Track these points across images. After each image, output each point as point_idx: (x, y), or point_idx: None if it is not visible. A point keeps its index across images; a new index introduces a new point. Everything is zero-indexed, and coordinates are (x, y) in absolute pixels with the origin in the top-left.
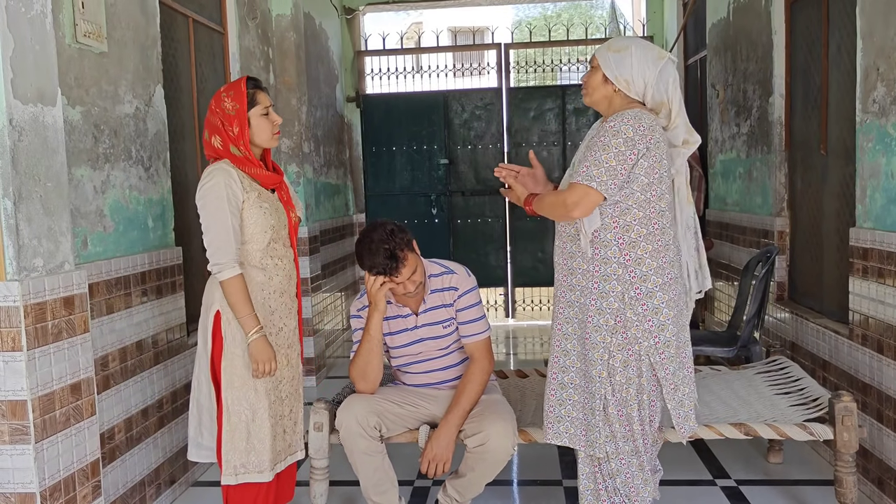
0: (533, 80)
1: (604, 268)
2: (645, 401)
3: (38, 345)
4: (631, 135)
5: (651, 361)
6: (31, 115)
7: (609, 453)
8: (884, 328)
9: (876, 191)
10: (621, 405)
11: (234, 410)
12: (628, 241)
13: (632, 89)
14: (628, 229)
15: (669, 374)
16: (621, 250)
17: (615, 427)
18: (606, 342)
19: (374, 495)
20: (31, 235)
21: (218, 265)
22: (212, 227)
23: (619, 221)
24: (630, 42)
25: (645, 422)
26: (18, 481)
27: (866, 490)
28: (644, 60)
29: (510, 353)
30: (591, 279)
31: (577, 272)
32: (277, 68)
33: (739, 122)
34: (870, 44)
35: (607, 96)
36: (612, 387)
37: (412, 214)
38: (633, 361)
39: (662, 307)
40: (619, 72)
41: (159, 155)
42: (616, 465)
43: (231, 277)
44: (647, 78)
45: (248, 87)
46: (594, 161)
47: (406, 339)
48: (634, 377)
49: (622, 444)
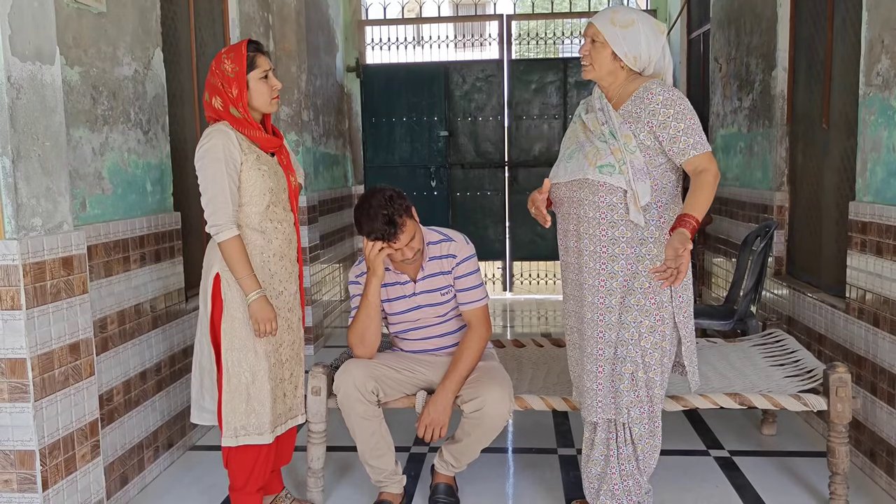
0: (535, 53)
1: (642, 232)
2: (666, 365)
3: (37, 304)
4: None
5: (675, 321)
6: (29, 73)
7: (633, 419)
8: (880, 302)
9: (877, 164)
10: (647, 369)
11: (234, 372)
12: (663, 202)
13: (638, 64)
14: (664, 192)
15: (688, 333)
16: (659, 213)
17: (641, 391)
18: (641, 305)
19: (370, 459)
20: (29, 195)
21: (216, 226)
22: (209, 188)
23: (658, 184)
24: (633, 15)
25: (663, 386)
26: (18, 439)
27: (858, 462)
28: (650, 36)
29: (507, 326)
30: (631, 244)
31: (619, 241)
32: (277, 35)
33: (741, 96)
34: (875, 16)
35: (613, 72)
36: (641, 352)
37: (411, 187)
38: (659, 326)
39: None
40: (629, 48)
41: (158, 119)
42: (638, 430)
43: (229, 239)
44: (653, 53)
45: (249, 51)
46: (695, 128)
47: (404, 305)
48: (659, 341)
49: (645, 408)
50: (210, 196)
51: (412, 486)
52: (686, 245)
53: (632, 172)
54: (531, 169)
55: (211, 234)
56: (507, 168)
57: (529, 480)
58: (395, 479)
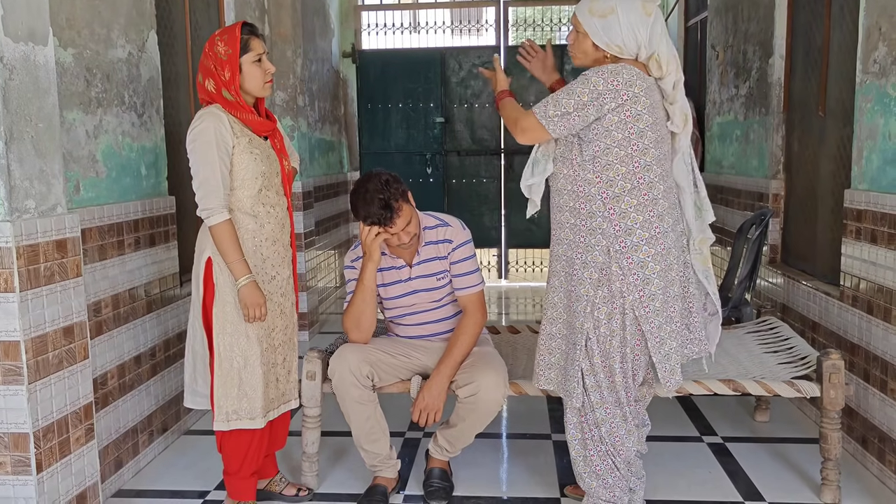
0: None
1: (589, 221)
2: (628, 354)
3: (31, 286)
4: (601, 88)
5: (636, 315)
6: (22, 54)
7: (594, 402)
8: (874, 290)
9: (872, 152)
10: (604, 356)
11: (226, 357)
12: (612, 195)
13: (625, 52)
14: (612, 184)
15: (654, 328)
16: (605, 204)
17: (599, 377)
18: (590, 295)
19: (365, 444)
20: (22, 176)
21: (207, 210)
22: (200, 171)
23: (602, 176)
24: (613, 2)
25: (628, 375)
26: (12, 421)
27: (850, 448)
28: (632, 22)
29: (502, 313)
30: (578, 233)
31: (565, 226)
32: (273, 19)
33: (738, 83)
34: (873, 3)
35: (598, 60)
36: (597, 338)
37: (407, 173)
38: (618, 314)
39: (648, 261)
40: (610, 38)
41: (152, 102)
42: (601, 414)
43: (220, 223)
44: (640, 38)
45: (243, 33)
46: (555, 100)
47: (400, 290)
48: (618, 330)
49: (606, 394)
50: (201, 179)
51: (407, 471)
52: None
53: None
54: (527, 156)
55: (200, 215)
56: (503, 155)
57: (523, 466)
58: (389, 464)
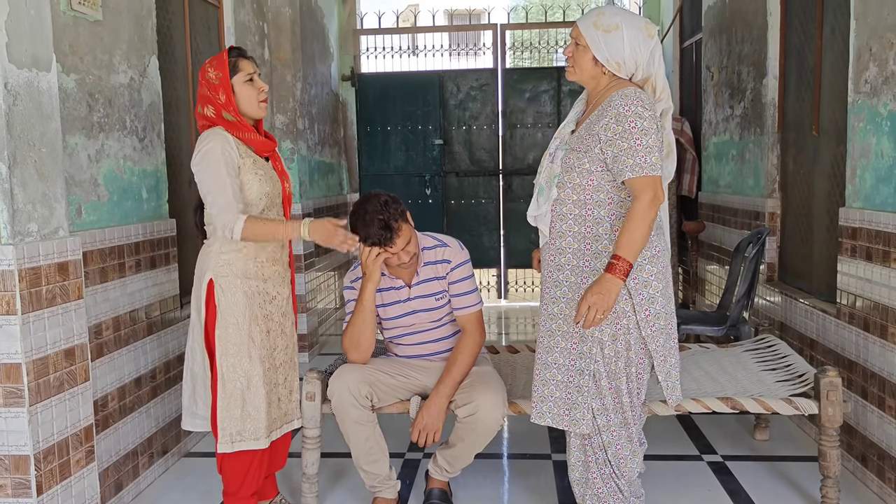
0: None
1: (595, 245)
2: (633, 373)
3: (33, 309)
4: (651, 113)
5: (642, 335)
6: (25, 80)
7: (600, 426)
8: (871, 307)
9: (865, 170)
10: (611, 378)
11: (229, 378)
12: (619, 216)
13: (622, 70)
14: (622, 205)
15: (659, 346)
16: (613, 226)
17: (606, 400)
18: None
19: (365, 464)
20: (25, 200)
21: (228, 229)
22: (212, 189)
23: (613, 197)
24: (618, 18)
25: (633, 394)
26: (13, 444)
27: (850, 466)
28: (636, 41)
29: (502, 332)
30: (582, 258)
31: (566, 252)
32: (272, 44)
33: (733, 104)
34: (863, 24)
35: (595, 76)
36: (604, 360)
37: (406, 195)
38: (622, 335)
39: (652, 280)
40: (611, 54)
41: (154, 126)
42: (607, 437)
43: (245, 227)
44: (640, 59)
45: (231, 56)
46: (639, 148)
47: (399, 310)
48: (623, 350)
49: (613, 417)
50: (214, 197)
51: (406, 492)
52: (602, 298)
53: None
54: (525, 177)
55: (226, 237)
56: (502, 176)
57: (523, 486)
58: (389, 485)
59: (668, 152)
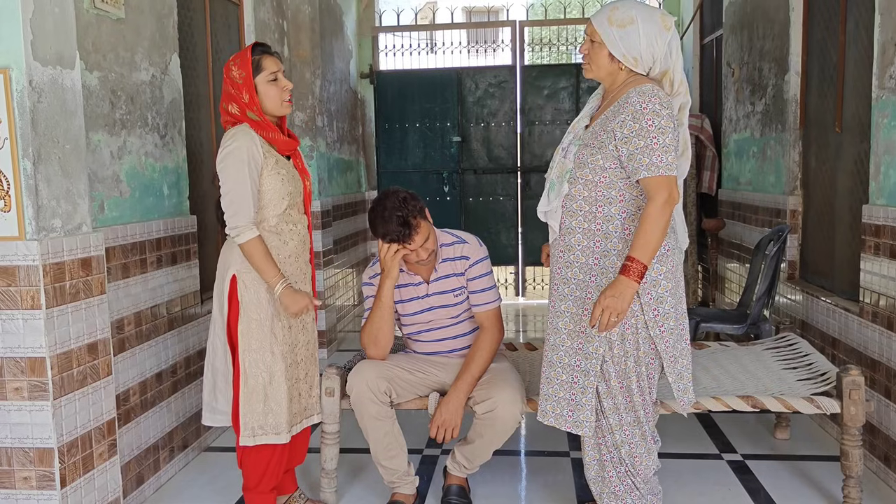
0: (547, 59)
1: (604, 243)
2: (643, 372)
3: (57, 304)
4: (668, 111)
5: (651, 334)
6: (50, 78)
7: (612, 425)
8: (894, 305)
9: (890, 167)
10: (621, 377)
11: (252, 373)
12: (630, 214)
13: (639, 66)
14: (633, 203)
15: (669, 347)
16: (623, 224)
17: (617, 399)
18: None
19: (383, 460)
20: (49, 196)
21: (235, 228)
22: (232, 189)
23: (625, 195)
24: (633, 12)
25: (644, 393)
26: (37, 437)
27: (872, 465)
28: (652, 34)
29: (520, 330)
30: (591, 255)
31: (575, 249)
32: (292, 41)
33: (754, 100)
34: (888, 19)
35: (612, 73)
36: (612, 359)
37: (424, 192)
38: (630, 335)
39: (661, 279)
40: (627, 49)
41: (175, 123)
42: (620, 436)
43: (250, 240)
44: (657, 53)
45: (255, 54)
46: (655, 148)
47: (417, 307)
48: (632, 350)
49: (625, 415)
50: (231, 198)
51: (425, 488)
52: (616, 301)
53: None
54: (543, 174)
55: (230, 234)
56: (520, 173)
57: (541, 483)
58: (407, 480)
59: (684, 150)
